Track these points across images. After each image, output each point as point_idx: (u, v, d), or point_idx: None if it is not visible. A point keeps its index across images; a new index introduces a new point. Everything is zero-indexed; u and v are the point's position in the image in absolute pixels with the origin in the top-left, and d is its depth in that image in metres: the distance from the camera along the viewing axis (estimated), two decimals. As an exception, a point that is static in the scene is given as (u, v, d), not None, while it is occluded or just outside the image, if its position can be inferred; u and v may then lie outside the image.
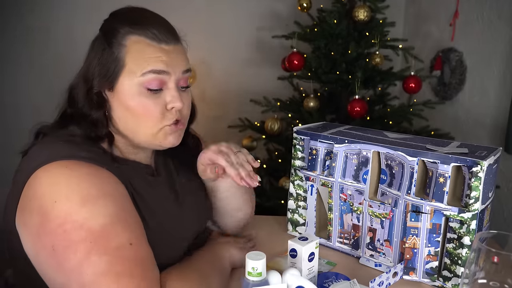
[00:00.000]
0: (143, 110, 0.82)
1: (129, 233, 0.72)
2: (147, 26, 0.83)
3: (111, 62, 0.82)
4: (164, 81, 0.83)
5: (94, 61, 0.83)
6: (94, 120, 0.83)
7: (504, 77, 1.93)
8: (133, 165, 0.87)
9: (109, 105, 0.84)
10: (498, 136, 1.96)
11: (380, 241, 1.01)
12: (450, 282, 0.92)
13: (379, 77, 1.93)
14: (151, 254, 0.74)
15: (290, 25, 2.13)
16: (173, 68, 0.84)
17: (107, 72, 0.82)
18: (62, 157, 0.75)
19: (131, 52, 0.81)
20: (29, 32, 2.14)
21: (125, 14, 0.86)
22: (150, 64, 0.81)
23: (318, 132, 1.10)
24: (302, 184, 1.14)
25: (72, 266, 0.67)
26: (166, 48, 0.83)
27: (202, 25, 2.29)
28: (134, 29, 0.82)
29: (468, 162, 0.88)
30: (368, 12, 1.81)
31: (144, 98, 0.82)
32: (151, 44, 0.82)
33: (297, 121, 2.00)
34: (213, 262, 0.89)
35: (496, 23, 1.97)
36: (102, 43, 0.83)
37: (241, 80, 2.48)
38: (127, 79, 0.82)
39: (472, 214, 0.88)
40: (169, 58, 0.83)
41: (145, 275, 0.69)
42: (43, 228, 0.70)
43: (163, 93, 0.84)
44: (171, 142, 0.87)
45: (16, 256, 0.79)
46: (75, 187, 0.72)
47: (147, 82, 0.81)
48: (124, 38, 0.82)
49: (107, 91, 0.83)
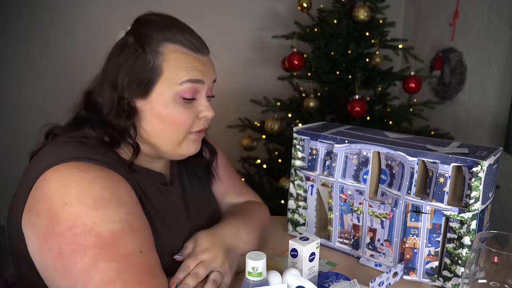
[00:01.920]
0: (176, 119, 0.82)
1: (139, 240, 0.71)
2: (185, 34, 0.83)
3: (147, 70, 0.80)
4: (198, 90, 0.84)
5: (125, 67, 0.81)
6: (122, 129, 0.81)
7: (504, 77, 1.93)
8: (146, 172, 0.86)
9: (138, 115, 0.83)
10: (498, 136, 1.96)
11: (380, 241, 1.01)
12: (450, 282, 0.92)
13: (379, 77, 1.93)
14: (158, 261, 0.73)
15: (290, 25, 2.13)
16: (207, 78, 0.85)
17: (142, 81, 0.80)
18: (74, 159, 0.73)
19: (168, 60, 0.81)
20: (29, 32, 2.14)
21: (157, 21, 0.85)
22: (189, 73, 0.82)
23: (318, 132, 1.10)
24: (302, 184, 1.14)
25: (79, 271, 0.66)
26: (201, 59, 0.84)
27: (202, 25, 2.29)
28: (171, 37, 0.82)
29: (468, 162, 0.88)
30: (368, 12, 1.81)
31: (179, 107, 0.82)
32: (188, 53, 0.82)
33: (297, 121, 2.00)
34: None
35: (496, 23, 1.96)
36: (135, 49, 0.81)
37: (241, 80, 2.48)
38: (163, 87, 0.81)
39: (472, 214, 0.88)
40: (204, 67, 0.84)
41: (154, 282, 0.68)
42: (51, 230, 0.69)
43: (195, 102, 0.85)
44: (193, 150, 0.88)
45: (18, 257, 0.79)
46: (87, 189, 0.70)
47: (183, 91, 0.82)
48: (159, 45, 0.81)
49: (138, 99, 0.82)
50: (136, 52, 0.80)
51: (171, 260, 0.81)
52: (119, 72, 0.81)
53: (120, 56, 0.82)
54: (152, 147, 0.85)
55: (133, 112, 0.82)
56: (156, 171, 0.89)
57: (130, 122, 0.82)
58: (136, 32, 0.83)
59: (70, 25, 2.16)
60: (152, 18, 0.86)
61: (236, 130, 2.15)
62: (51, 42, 2.18)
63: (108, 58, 0.84)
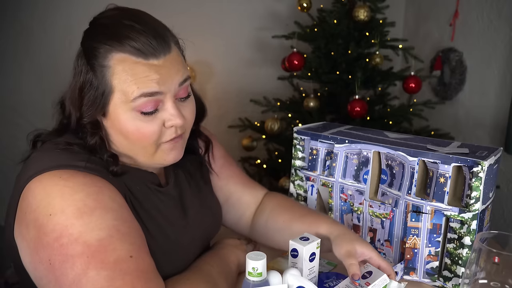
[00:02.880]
0: (139, 135, 0.76)
1: (128, 245, 0.69)
2: (129, 40, 0.72)
3: (97, 87, 0.74)
4: (159, 100, 0.75)
5: (79, 84, 0.75)
6: (92, 146, 0.77)
7: (504, 77, 1.93)
8: (135, 173, 0.83)
9: (104, 129, 0.79)
10: (498, 136, 1.96)
11: (380, 241, 1.01)
12: (450, 282, 0.92)
13: (379, 77, 1.93)
14: (152, 264, 0.71)
15: (290, 25, 2.13)
16: (167, 86, 0.75)
17: (95, 99, 0.74)
18: (56, 167, 0.71)
19: (116, 73, 0.73)
20: (28, 32, 2.14)
21: (105, 27, 0.75)
22: (140, 87, 0.72)
23: (318, 132, 1.10)
24: (303, 184, 1.14)
25: (70, 281, 0.64)
26: (155, 63, 0.74)
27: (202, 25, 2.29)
28: (116, 46, 0.72)
29: (468, 162, 0.88)
30: (368, 12, 1.81)
31: (139, 122, 0.75)
32: (137, 62, 0.72)
33: (297, 121, 2.00)
34: (220, 266, 0.87)
35: (496, 23, 1.97)
36: (84, 64, 0.75)
37: (241, 80, 2.48)
38: (118, 105, 0.74)
39: (473, 214, 0.88)
40: (160, 75, 0.74)
41: (147, 286, 0.67)
42: (40, 242, 0.67)
43: (159, 113, 0.76)
44: (174, 158, 0.83)
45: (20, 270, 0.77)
46: (69, 198, 0.68)
47: (139, 106, 0.74)
48: (106, 58, 0.73)
49: (99, 116, 0.77)
50: (85, 68, 0.75)
51: (167, 262, 0.80)
52: (75, 89, 0.76)
53: (76, 70, 0.77)
54: (129, 157, 0.82)
55: (96, 128, 0.78)
56: (149, 171, 0.86)
57: (96, 138, 0.77)
58: (84, 43, 0.77)
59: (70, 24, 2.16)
60: (102, 22, 0.77)
61: (236, 130, 2.15)
62: (51, 42, 2.18)
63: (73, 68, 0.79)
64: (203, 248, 0.95)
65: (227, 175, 1.04)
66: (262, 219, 1.02)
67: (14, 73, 2.17)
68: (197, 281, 0.80)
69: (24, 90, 2.18)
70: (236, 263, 0.92)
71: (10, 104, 2.17)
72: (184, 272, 0.83)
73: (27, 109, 2.17)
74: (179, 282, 0.78)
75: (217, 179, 1.02)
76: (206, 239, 0.97)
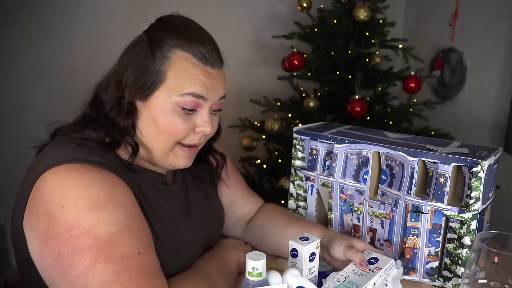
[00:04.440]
0: (171, 128, 0.80)
1: (137, 242, 0.70)
2: (196, 43, 0.79)
3: (151, 74, 0.78)
4: (200, 104, 0.81)
5: (132, 66, 0.79)
6: (122, 128, 0.80)
7: (504, 77, 1.93)
8: (146, 172, 0.85)
9: (137, 114, 0.82)
10: (498, 136, 1.96)
11: (380, 241, 1.01)
12: (450, 282, 0.92)
13: (379, 77, 1.93)
14: (158, 263, 0.72)
15: (290, 25, 2.13)
16: (211, 95, 0.82)
17: (144, 84, 0.79)
18: (72, 160, 0.73)
19: (174, 67, 0.78)
20: (28, 32, 2.14)
21: (175, 25, 0.82)
22: (192, 86, 0.79)
23: (318, 132, 1.10)
24: (302, 184, 1.14)
25: (77, 272, 0.66)
26: (210, 72, 0.81)
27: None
28: (183, 44, 0.79)
29: (468, 162, 0.88)
30: (368, 12, 1.81)
31: (177, 116, 0.80)
32: (196, 64, 0.79)
33: (297, 121, 2.00)
34: (220, 266, 0.88)
35: (496, 23, 1.97)
36: (146, 49, 0.79)
37: (241, 80, 2.48)
38: (163, 95, 0.79)
39: (473, 214, 0.88)
40: (211, 83, 0.81)
41: (152, 284, 0.68)
42: (50, 233, 0.69)
43: (195, 114, 0.82)
44: (184, 164, 0.86)
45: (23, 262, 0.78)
46: (83, 191, 0.70)
47: (183, 102, 0.79)
48: (170, 51, 0.78)
49: (138, 100, 0.81)
50: (146, 53, 0.79)
51: (171, 262, 0.81)
52: (126, 70, 0.80)
53: (131, 54, 0.81)
54: (146, 150, 0.84)
55: (132, 111, 0.81)
56: (158, 172, 0.89)
57: (129, 121, 0.81)
58: (151, 33, 0.82)
59: (70, 25, 2.16)
60: (172, 21, 0.83)
61: (236, 130, 2.15)
62: (51, 42, 2.18)
63: (121, 54, 0.83)
64: (204, 250, 0.95)
65: (234, 182, 1.09)
66: (258, 222, 1.07)
67: (14, 74, 2.17)
68: (197, 281, 0.80)
69: (24, 91, 2.18)
70: (236, 263, 0.93)
71: (10, 105, 2.16)
72: (184, 271, 0.83)
73: (27, 109, 2.17)
74: (179, 281, 0.78)
75: (224, 186, 1.07)
76: (209, 241, 0.98)
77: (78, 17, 2.18)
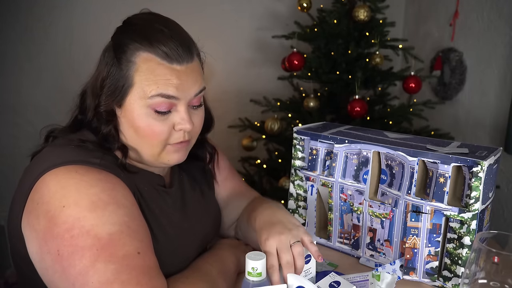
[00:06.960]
0: (149, 131, 0.80)
1: (137, 242, 0.71)
2: (158, 42, 0.77)
3: (119, 80, 0.78)
4: (174, 104, 0.80)
5: (102, 74, 0.79)
6: (105, 134, 0.81)
7: (504, 77, 1.93)
8: (144, 174, 0.86)
9: (118, 120, 0.82)
10: (498, 136, 1.96)
11: (380, 241, 1.01)
12: (450, 282, 0.92)
13: (379, 77, 1.93)
14: (157, 263, 0.73)
15: (290, 25, 2.13)
16: (183, 93, 0.79)
17: (115, 90, 0.79)
18: (72, 162, 0.74)
19: (140, 71, 0.77)
20: (28, 32, 2.14)
21: (137, 26, 0.81)
22: (160, 87, 0.77)
23: (318, 132, 1.10)
24: (302, 184, 1.14)
25: (77, 272, 0.66)
26: (178, 69, 0.78)
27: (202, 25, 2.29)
28: (145, 46, 0.77)
29: (468, 162, 0.88)
30: (368, 12, 1.81)
31: (152, 119, 0.79)
32: (161, 63, 0.77)
33: (297, 121, 2.00)
34: (219, 266, 0.88)
35: (496, 23, 1.96)
36: (112, 56, 0.79)
37: (241, 80, 2.48)
38: (135, 99, 0.78)
39: (472, 214, 0.88)
40: (180, 80, 0.78)
41: (152, 284, 0.68)
42: (50, 233, 0.69)
43: (171, 114, 0.80)
44: (177, 159, 0.85)
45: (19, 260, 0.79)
46: (84, 192, 0.70)
47: (155, 104, 0.78)
48: (133, 54, 0.77)
49: (115, 106, 0.81)
50: (112, 60, 0.79)
51: (168, 262, 0.81)
52: (98, 79, 0.80)
53: (101, 62, 0.81)
54: (135, 152, 0.84)
55: (112, 118, 0.81)
56: (156, 173, 0.89)
57: (110, 127, 0.81)
58: (115, 38, 0.81)
59: (70, 24, 2.16)
60: (134, 22, 0.82)
61: (236, 130, 2.15)
62: (51, 42, 2.18)
63: (98, 60, 0.84)
64: (201, 250, 0.96)
65: (230, 187, 1.09)
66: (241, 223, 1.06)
67: (14, 74, 2.17)
68: (196, 280, 0.80)
69: (24, 91, 2.18)
70: (236, 263, 0.93)
71: (10, 104, 2.16)
72: (183, 271, 0.84)
73: (27, 109, 2.17)
74: (179, 280, 0.79)
75: (220, 188, 1.07)
76: (205, 242, 0.98)
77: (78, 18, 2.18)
